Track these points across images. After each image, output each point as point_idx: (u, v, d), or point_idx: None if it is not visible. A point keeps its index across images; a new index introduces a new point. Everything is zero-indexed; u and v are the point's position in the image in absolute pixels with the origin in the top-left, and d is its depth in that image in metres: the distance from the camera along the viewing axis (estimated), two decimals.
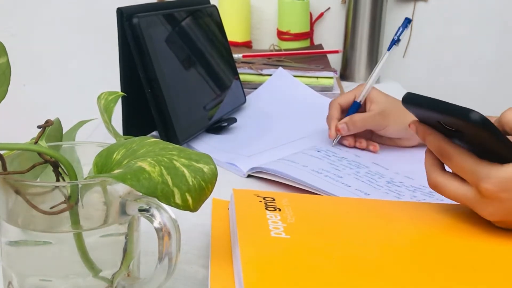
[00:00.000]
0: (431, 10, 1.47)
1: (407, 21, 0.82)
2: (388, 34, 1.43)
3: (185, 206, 0.37)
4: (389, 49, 0.82)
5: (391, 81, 1.41)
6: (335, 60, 1.38)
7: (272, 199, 0.51)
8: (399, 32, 0.82)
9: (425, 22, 1.48)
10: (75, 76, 1.53)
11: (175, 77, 0.79)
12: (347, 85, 1.30)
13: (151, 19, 0.77)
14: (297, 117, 0.95)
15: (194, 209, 0.38)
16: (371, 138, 0.82)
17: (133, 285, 0.41)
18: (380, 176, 0.72)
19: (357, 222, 0.50)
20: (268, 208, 0.49)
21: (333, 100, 0.83)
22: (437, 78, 1.50)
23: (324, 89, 1.09)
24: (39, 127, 0.39)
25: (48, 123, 0.40)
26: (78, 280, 0.39)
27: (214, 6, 0.97)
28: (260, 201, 0.51)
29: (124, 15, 0.74)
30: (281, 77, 1.07)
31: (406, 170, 0.74)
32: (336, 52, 1.29)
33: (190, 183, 0.37)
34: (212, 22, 0.95)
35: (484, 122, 0.43)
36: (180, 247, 0.39)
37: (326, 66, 1.16)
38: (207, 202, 0.39)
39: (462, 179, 0.48)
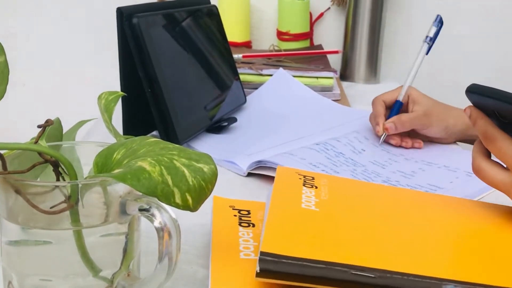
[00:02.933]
0: (430, 10, 1.47)
1: (440, 19, 0.83)
2: (388, 34, 1.43)
3: (185, 206, 0.37)
4: (427, 53, 0.85)
5: (391, 81, 1.41)
6: (335, 60, 1.38)
7: (312, 178, 0.53)
8: (432, 32, 0.84)
9: (423, 22, 1.47)
10: (75, 76, 1.53)
11: (175, 76, 0.79)
12: (347, 85, 1.30)
13: (151, 19, 0.77)
14: (297, 117, 0.95)
15: (194, 209, 0.38)
16: (409, 136, 0.85)
17: (133, 285, 0.41)
18: (376, 175, 0.72)
19: (389, 207, 0.51)
20: (305, 185, 0.51)
21: (377, 97, 0.85)
22: (436, 77, 1.50)
23: (324, 89, 1.09)
24: (39, 126, 0.39)
25: (48, 122, 0.40)
26: (78, 280, 0.39)
27: (214, 6, 0.97)
28: (300, 178, 0.53)
29: (124, 15, 0.74)
30: (281, 77, 1.07)
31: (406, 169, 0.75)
32: (336, 52, 1.29)
33: (190, 183, 0.37)
34: (211, 22, 0.95)
35: None
36: (180, 247, 0.39)
37: (326, 67, 1.16)
38: (207, 202, 0.39)
39: (504, 168, 0.50)
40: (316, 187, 0.51)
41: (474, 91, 0.50)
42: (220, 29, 0.97)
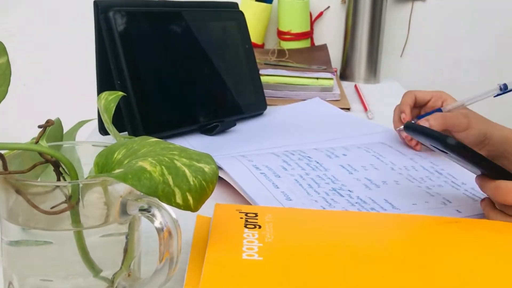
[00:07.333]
0: (429, 10, 1.47)
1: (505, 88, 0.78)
2: (387, 34, 1.43)
3: (186, 206, 0.37)
4: (495, 96, 0.78)
5: (390, 80, 1.41)
6: (335, 60, 1.38)
7: (254, 215, 0.49)
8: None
9: (423, 22, 1.48)
10: (75, 76, 1.53)
11: (152, 72, 0.80)
12: (347, 85, 1.30)
13: (129, 14, 0.77)
14: (307, 128, 0.89)
15: (195, 209, 0.38)
16: None
17: (133, 285, 0.41)
18: (332, 181, 0.66)
19: (343, 241, 0.46)
20: (247, 226, 0.46)
21: (410, 91, 0.82)
22: (435, 77, 1.50)
23: (324, 90, 1.09)
24: (39, 126, 0.39)
25: (48, 123, 0.40)
26: (79, 280, 0.39)
27: (239, 11, 0.96)
28: (241, 218, 0.48)
29: (99, 8, 0.75)
30: (317, 104, 1.04)
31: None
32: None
33: (191, 183, 0.37)
34: (229, 25, 0.94)
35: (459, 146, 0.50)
36: (180, 247, 0.39)
37: (329, 67, 1.16)
38: (208, 204, 0.39)
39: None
40: (260, 227, 0.46)
41: (409, 128, 0.57)
42: (242, 34, 0.96)
